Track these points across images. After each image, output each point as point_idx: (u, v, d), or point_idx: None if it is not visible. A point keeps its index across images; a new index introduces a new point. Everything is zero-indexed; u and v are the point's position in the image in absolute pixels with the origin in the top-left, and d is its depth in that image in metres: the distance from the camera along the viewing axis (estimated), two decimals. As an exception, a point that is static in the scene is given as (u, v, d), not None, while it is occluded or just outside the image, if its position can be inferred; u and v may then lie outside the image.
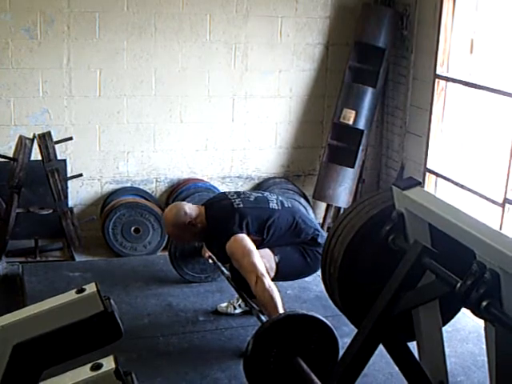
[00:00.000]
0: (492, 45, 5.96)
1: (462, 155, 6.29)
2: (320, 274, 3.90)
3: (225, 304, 4.95)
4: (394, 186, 3.16)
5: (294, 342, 3.64)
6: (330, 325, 3.72)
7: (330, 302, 3.91)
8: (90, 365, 2.14)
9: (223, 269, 4.88)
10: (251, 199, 4.53)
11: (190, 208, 4.51)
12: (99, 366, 2.12)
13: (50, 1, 6.11)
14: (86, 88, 6.38)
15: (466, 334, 4.77)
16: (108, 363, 2.13)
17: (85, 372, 2.12)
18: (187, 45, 6.51)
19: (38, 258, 6.06)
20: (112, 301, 2.50)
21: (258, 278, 4.13)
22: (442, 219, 2.87)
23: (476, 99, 6.04)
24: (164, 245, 6.36)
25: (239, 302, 4.90)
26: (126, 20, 6.32)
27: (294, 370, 3.59)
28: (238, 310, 4.90)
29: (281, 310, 4.03)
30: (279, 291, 4.14)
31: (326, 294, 3.89)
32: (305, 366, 3.57)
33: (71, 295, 2.46)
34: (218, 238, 4.44)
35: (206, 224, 4.50)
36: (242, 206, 4.45)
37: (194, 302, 5.14)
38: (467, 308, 2.75)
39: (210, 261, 5.08)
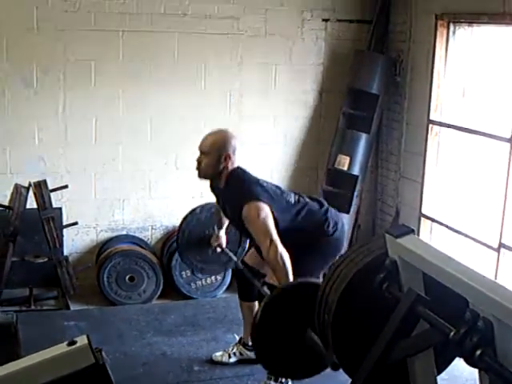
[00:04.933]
0: (484, 90, 6.01)
1: (456, 200, 6.30)
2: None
3: (220, 353, 4.93)
4: (386, 234, 3.15)
5: (305, 312, 3.56)
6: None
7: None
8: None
9: (231, 255, 4.90)
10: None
11: (235, 152, 4.52)
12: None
13: (46, 50, 6.17)
14: (82, 136, 6.41)
15: (463, 381, 4.74)
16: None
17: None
18: (182, 93, 6.55)
19: (33, 307, 6.02)
20: (103, 353, 2.49)
21: (272, 241, 4.12)
22: (435, 267, 2.86)
23: (470, 144, 6.07)
24: (159, 293, 6.31)
25: (234, 350, 4.88)
26: (122, 68, 6.37)
27: (305, 343, 3.54)
28: (233, 359, 4.88)
29: (291, 279, 4.00)
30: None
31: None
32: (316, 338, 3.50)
33: (62, 347, 2.46)
34: (238, 196, 4.40)
35: (228, 177, 4.52)
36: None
37: (189, 351, 5.12)
38: (461, 357, 2.72)
39: (218, 249, 5.03)
